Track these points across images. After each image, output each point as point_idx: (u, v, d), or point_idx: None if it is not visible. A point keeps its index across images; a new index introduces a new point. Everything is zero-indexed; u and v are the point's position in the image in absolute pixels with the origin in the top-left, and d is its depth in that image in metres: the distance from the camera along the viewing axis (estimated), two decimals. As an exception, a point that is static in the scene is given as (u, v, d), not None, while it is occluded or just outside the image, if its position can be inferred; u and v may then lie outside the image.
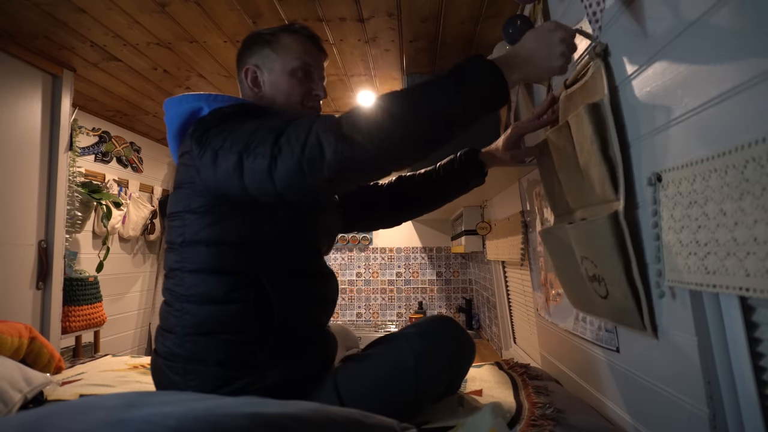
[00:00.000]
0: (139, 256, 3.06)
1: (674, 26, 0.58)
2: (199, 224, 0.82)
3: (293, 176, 0.71)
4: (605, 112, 0.72)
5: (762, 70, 0.44)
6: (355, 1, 1.47)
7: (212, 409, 0.49)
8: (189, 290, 0.82)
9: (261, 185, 0.73)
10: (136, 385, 1.19)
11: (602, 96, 0.73)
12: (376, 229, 1.26)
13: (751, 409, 0.55)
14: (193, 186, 0.83)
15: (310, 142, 0.69)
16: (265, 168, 0.72)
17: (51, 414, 0.49)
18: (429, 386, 0.89)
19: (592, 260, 0.79)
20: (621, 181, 0.70)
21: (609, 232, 0.69)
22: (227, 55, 1.85)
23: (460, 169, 1.12)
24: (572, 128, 0.82)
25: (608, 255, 0.72)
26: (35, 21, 1.57)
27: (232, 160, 0.74)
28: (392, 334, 0.96)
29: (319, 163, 0.69)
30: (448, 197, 1.18)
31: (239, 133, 0.76)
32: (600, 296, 0.81)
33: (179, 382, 0.80)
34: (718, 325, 0.58)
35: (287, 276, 0.85)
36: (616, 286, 0.73)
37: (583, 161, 0.80)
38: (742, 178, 0.46)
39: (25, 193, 1.78)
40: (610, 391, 0.90)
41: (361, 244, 3.84)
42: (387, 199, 1.18)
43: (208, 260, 0.82)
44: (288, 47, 0.95)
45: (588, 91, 0.81)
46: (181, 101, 0.91)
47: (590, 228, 0.76)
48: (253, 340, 0.81)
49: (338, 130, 0.69)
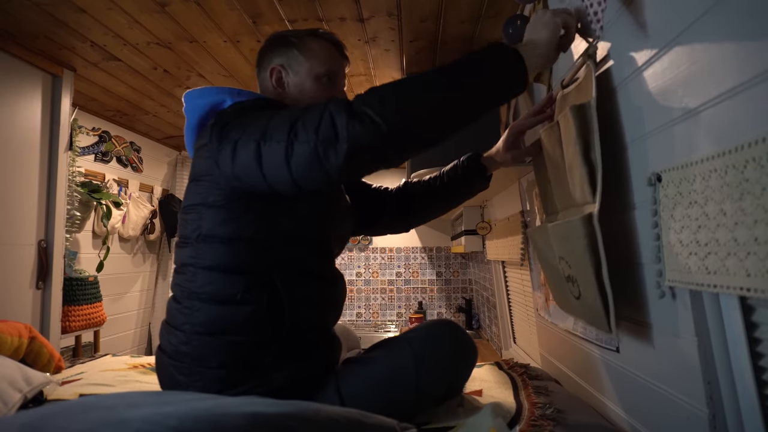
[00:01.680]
0: (139, 255, 3.06)
1: (675, 26, 0.58)
2: (215, 219, 0.82)
3: (309, 162, 0.71)
4: (590, 114, 0.72)
5: (762, 70, 0.44)
6: (355, 1, 1.47)
7: (212, 409, 0.49)
8: (201, 288, 0.81)
9: (278, 173, 0.74)
10: (136, 385, 1.19)
11: (589, 98, 0.73)
12: (384, 234, 1.26)
13: (750, 409, 0.55)
14: (211, 179, 0.82)
15: (324, 122, 0.70)
16: (281, 154, 0.72)
17: (51, 414, 0.49)
18: (430, 389, 0.89)
19: (568, 261, 0.80)
20: (599, 184, 0.70)
21: (582, 233, 0.70)
22: (227, 54, 1.85)
23: (463, 175, 1.12)
24: (561, 128, 0.82)
25: (581, 256, 0.73)
26: (35, 21, 1.57)
27: (251, 150, 0.75)
28: (394, 338, 0.96)
29: (333, 143, 0.69)
30: (453, 202, 1.19)
31: (257, 123, 0.77)
32: (574, 296, 0.83)
33: (184, 382, 0.80)
34: (718, 325, 0.58)
35: (298, 276, 0.85)
36: (586, 287, 0.74)
37: (567, 162, 0.81)
38: (743, 178, 0.46)
39: (25, 193, 1.78)
40: (609, 391, 0.90)
41: (361, 244, 3.84)
42: (395, 204, 1.18)
43: (223, 257, 0.81)
44: (315, 52, 0.95)
45: (578, 92, 0.81)
46: (202, 94, 0.90)
47: (565, 229, 0.77)
48: (262, 342, 0.81)
49: (351, 108, 0.70)
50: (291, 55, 0.95)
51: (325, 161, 0.70)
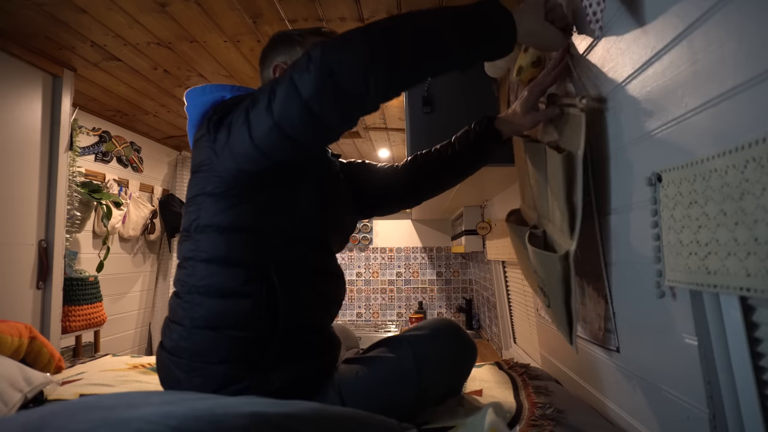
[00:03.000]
0: (139, 255, 3.06)
1: (675, 26, 0.58)
2: (214, 208, 0.82)
3: (287, 97, 0.70)
4: (577, 164, 0.76)
5: (762, 70, 0.44)
6: (356, 1, 1.47)
7: (213, 409, 0.49)
8: (200, 281, 0.81)
9: (265, 132, 0.74)
10: (137, 385, 1.19)
11: (578, 148, 0.76)
12: (396, 211, 1.21)
13: (751, 410, 0.55)
14: (209, 167, 0.82)
15: (299, 61, 0.71)
16: (264, 108, 0.72)
17: (51, 413, 0.49)
18: (430, 388, 0.89)
19: (542, 277, 0.90)
20: (577, 226, 0.75)
21: (558, 267, 0.78)
22: (227, 54, 1.85)
23: (476, 141, 1.06)
24: (548, 158, 0.86)
25: (554, 284, 0.83)
26: (36, 21, 1.57)
27: (240, 121, 0.76)
28: (394, 337, 0.95)
29: (306, 68, 0.69)
30: (467, 170, 1.13)
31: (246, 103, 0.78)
32: (545, 304, 0.95)
33: (184, 379, 0.80)
34: (718, 325, 0.58)
35: (296, 271, 0.85)
36: (555, 306, 0.86)
37: (552, 189, 0.86)
38: (743, 178, 0.46)
39: (25, 193, 1.78)
40: (610, 391, 0.90)
41: (362, 244, 3.84)
42: (404, 178, 1.13)
43: (221, 249, 0.81)
44: None
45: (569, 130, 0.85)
46: (204, 91, 0.91)
47: (545, 258, 0.84)
48: (260, 337, 0.81)
49: (326, 43, 0.70)
50: (294, 53, 0.95)
51: (303, 89, 0.69)
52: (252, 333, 0.80)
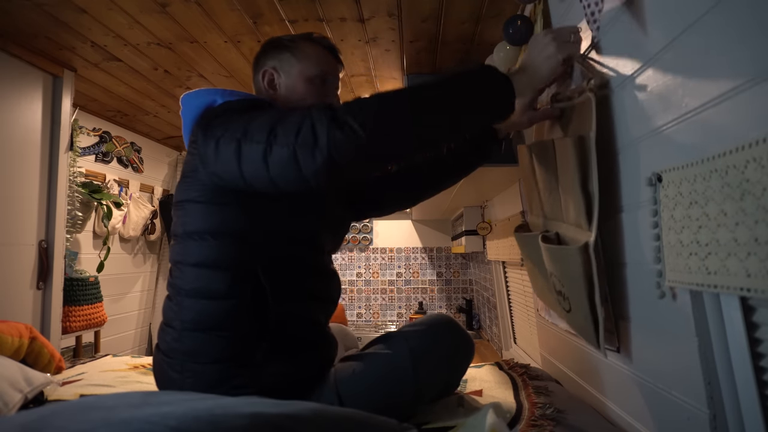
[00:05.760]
0: (139, 256, 3.06)
1: (675, 26, 0.58)
2: (200, 213, 0.83)
3: (287, 164, 0.71)
4: (590, 147, 0.73)
5: (762, 70, 0.44)
6: (356, 1, 1.47)
7: (212, 409, 0.49)
8: (188, 284, 0.82)
9: (256, 172, 0.74)
10: (137, 385, 1.19)
11: (590, 130, 0.74)
12: (395, 211, 1.21)
13: (751, 410, 0.55)
14: (196, 175, 0.83)
15: (305, 127, 0.70)
16: (260, 154, 0.73)
17: (51, 414, 0.49)
18: (427, 385, 0.89)
19: (560, 279, 0.84)
20: (595, 214, 0.72)
21: (578, 261, 0.73)
22: (228, 55, 1.85)
23: (473, 140, 1.07)
24: (557, 150, 0.84)
25: (575, 280, 0.77)
26: (36, 21, 1.57)
27: (231, 148, 0.75)
28: (391, 333, 0.96)
29: (311, 149, 0.69)
30: (464, 169, 1.13)
31: (240, 122, 0.77)
32: (564, 309, 0.88)
33: (177, 379, 0.81)
34: (718, 326, 0.58)
35: (285, 271, 0.85)
36: (578, 307, 0.79)
37: (563, 185, 0.83)
38: (743, 179, 0.46)
39: (25, 193, 1.78)
40: (610, 391, 0.90)
41: (362, 244, 3.83)
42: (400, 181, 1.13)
43: (208, 253, 0.82)
44: (307, 54, 0.95)
45: (579, 118, 0.82)
46: (197, 95, 0.91)
47: (562, 254, 0.80)
48: (249, 336, 0.81)
49: (333, 115, 0.70)
50: (283, 57, 0.95)
51: (304, 166, 0.70)
52: (239, 332, 0.81)
